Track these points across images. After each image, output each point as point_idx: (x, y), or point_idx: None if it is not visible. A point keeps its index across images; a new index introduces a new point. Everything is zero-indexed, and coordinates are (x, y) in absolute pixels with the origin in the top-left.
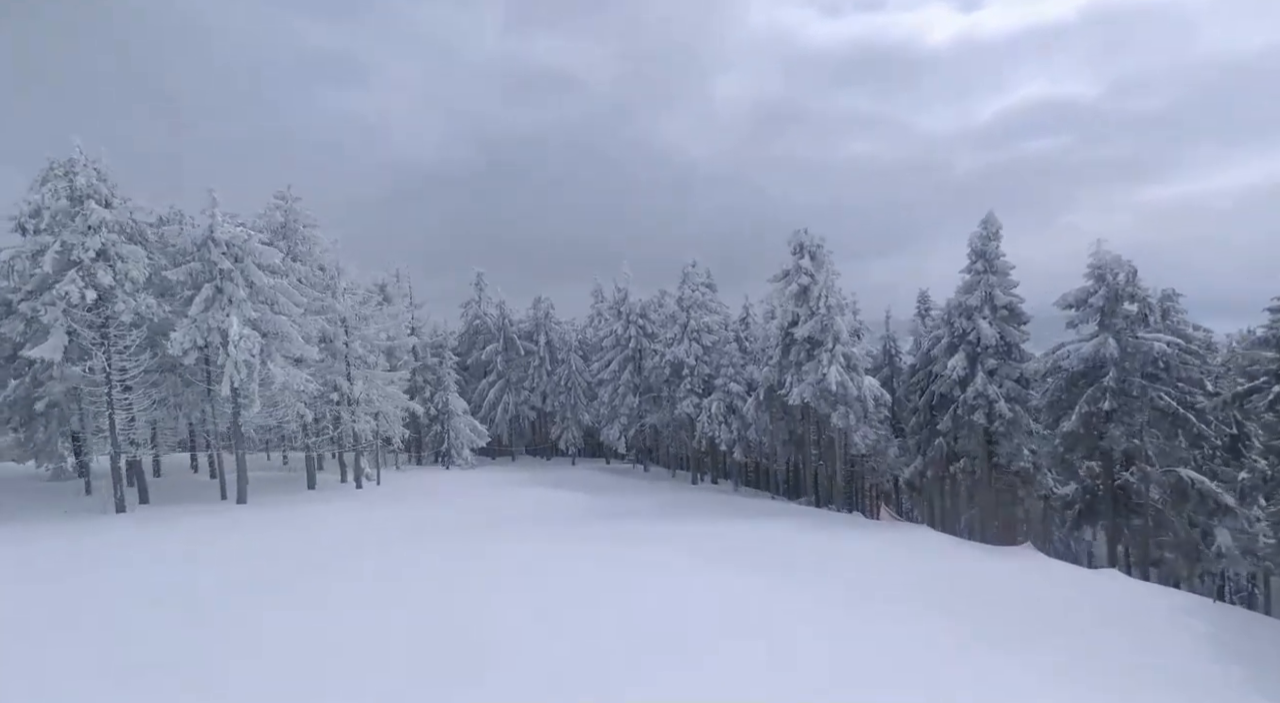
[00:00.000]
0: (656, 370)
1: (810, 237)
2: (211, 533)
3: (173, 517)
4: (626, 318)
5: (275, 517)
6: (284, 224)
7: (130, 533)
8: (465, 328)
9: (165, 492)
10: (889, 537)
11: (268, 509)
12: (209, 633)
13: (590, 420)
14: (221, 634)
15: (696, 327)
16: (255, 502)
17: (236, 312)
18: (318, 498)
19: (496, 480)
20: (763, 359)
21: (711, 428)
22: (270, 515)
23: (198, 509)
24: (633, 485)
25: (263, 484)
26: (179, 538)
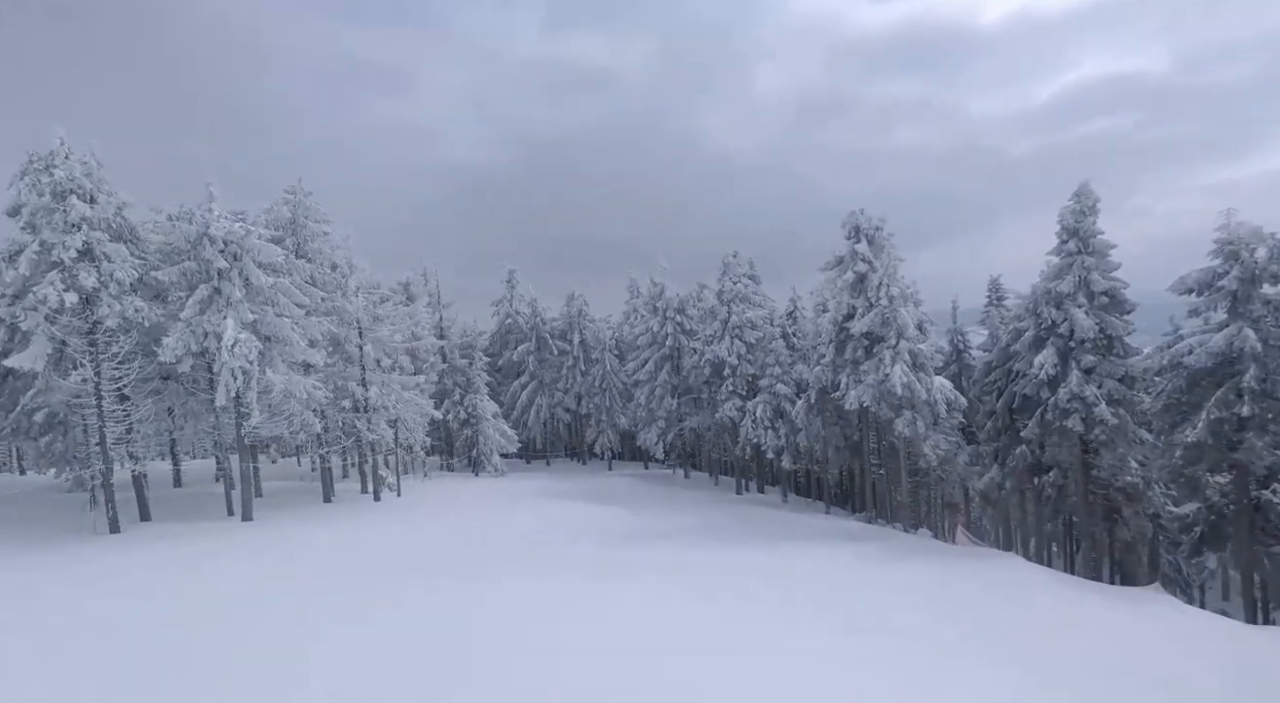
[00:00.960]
0: (695, 370)
1: (867, 218)
2: (183, 565)
3: (161, 539)
4: (663, 314)
5: (272, 538)
6: (292, 220)
7: (98, 565)
8: (497, 327)
9: (170, 506)
10: (976, 571)
11: (268, 528)
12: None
13: (627, 423)
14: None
15: (738, 322)
16: (262, 518)
17: (233, 314)
18: (329, 514)
19: (524, 491)
20: (813, 357)
21: (756, 433)
22: (267, 536)
23: (194, 530)
24: (673, 497)
25: (277, 496)
26: (145, 571)
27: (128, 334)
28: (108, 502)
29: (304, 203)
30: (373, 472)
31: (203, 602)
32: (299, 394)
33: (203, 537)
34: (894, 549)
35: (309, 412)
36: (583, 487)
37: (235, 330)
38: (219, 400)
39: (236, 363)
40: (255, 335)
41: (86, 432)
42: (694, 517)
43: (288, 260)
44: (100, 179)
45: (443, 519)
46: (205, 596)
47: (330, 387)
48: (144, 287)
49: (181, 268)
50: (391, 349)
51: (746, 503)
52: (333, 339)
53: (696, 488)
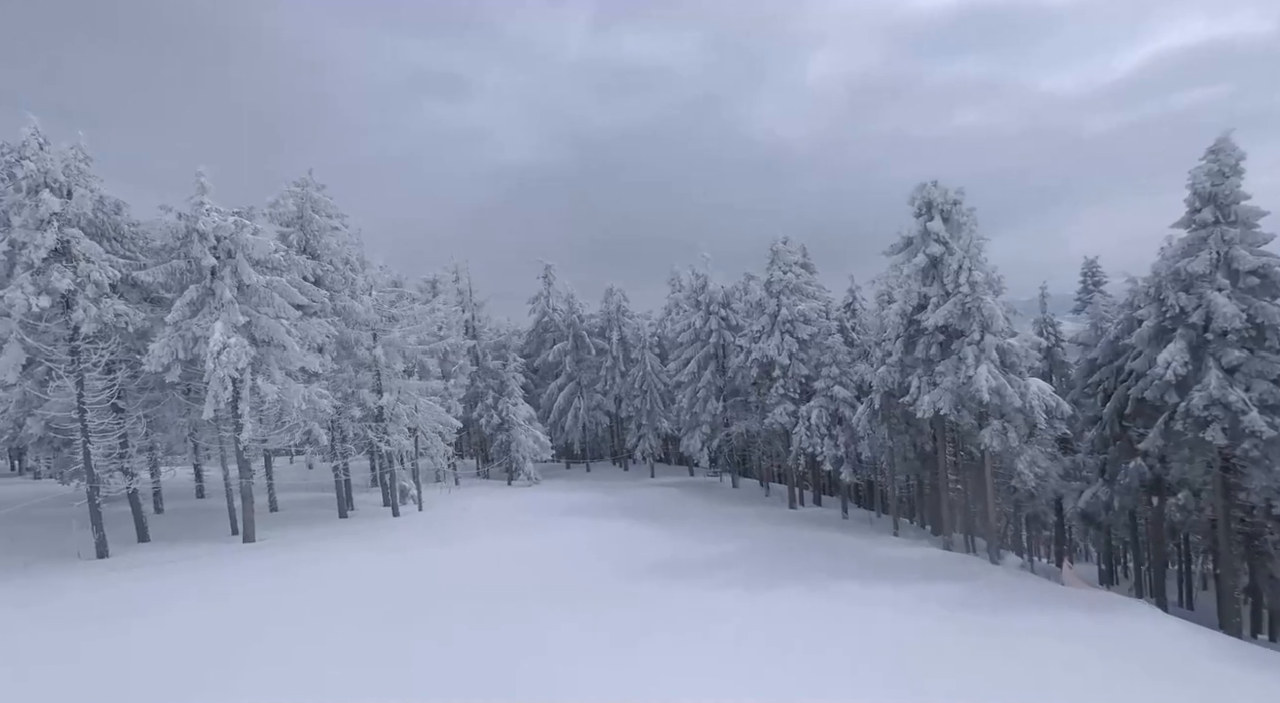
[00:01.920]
0: (742, 370)
1: (941, 191)
2: (158, 604)
3: (146, 567)
4: (706, 309)
5: (265, 568)
6: (299, 215)
7: (59, 604)
8: (533, 326)
9: (174, 524)
10: (1105, 631)
11: (267, 554)
12: None
13: (669, 427)
14: None
15: (789, 317)
16: (266, 538)
17: (223, 316)
18: (340, 533)
19: (554, 504)
20: (876, 356)
21: (811, 441)
22: (263, 564)
23: (188, 554)
24: (720, 512)
25: (291, 508)
26: (111, 612)
27: (107, 342)
28: (95, 523)
29: (312, 196)
30: (390, 484)
31: (163, 661)
32: (296, 403)
33: (195, 564)
34: (989, 593)
35: (314, 422)
36: (619, 499)
37: (224, 335)
38: (206, 412)
39: (224, 371)
40: (250, 340)
41: (71, 446)
42: (741, 539)
43: (286, 258)
44: (78, 172)
45: (455, 543)
46: (169, 651)
47: (338, 394)
48: (131, 289)
49: (169, 267)
50: (409, 352)
51: (801, 520)
52: (342, 342)
53: (745, 500)
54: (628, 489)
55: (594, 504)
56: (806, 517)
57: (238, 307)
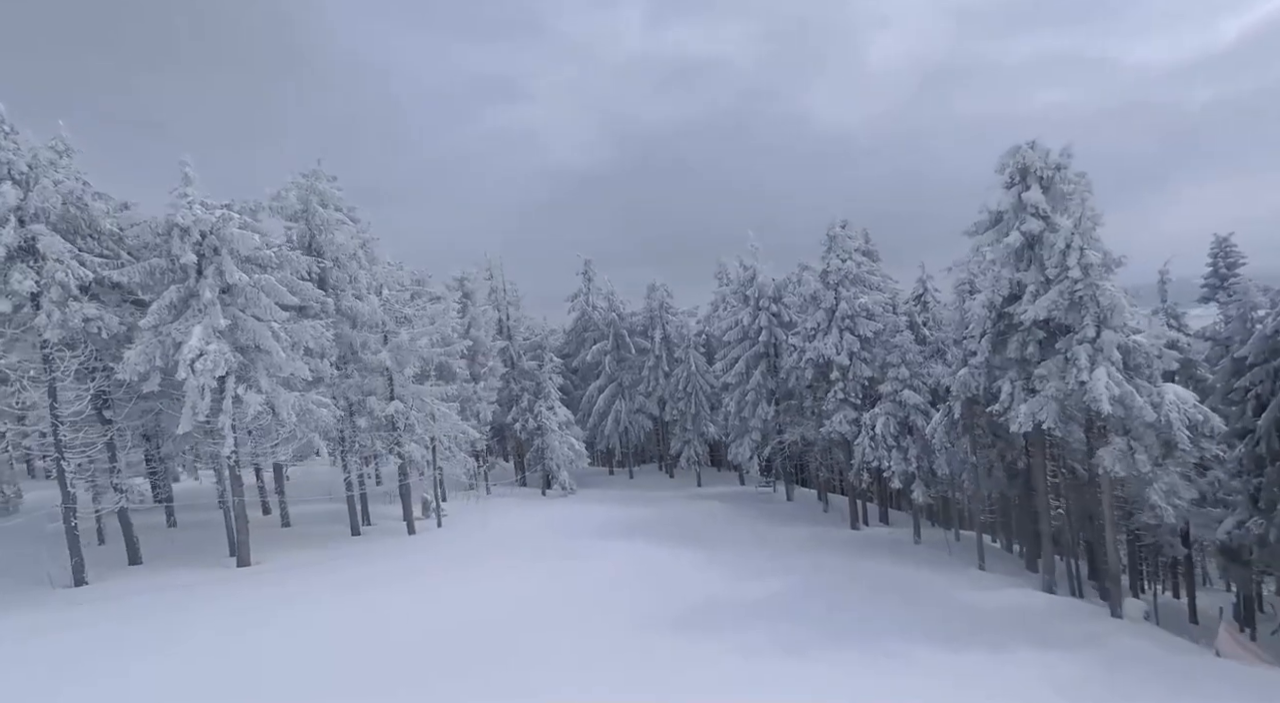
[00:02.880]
0: (795, 372)
1: (1040, 153)
2: (115, 657)
3: (116, 602)
4: (754, 303)
5: (244, 606)
6: (304, 210)
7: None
8: (572, 325)
9: (173, 542)
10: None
11: (251, 586)
12: None
13: (716, 432)
14: None
15: (849, 311)
16: (265, 559)
17: (203, 319)
18: (343, 555)
19: (587, 521)
20: (955, 356)
21: (875, 454)
22: (242, 601)
23: (174, 582)
24: (771, 534)
25: (305, 525)
26: (44, 668)
27: (74, 350)
28: (71, 548)
29: (318, 187)
30: (405, 499)
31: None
32: (284, 415)
33: (169, 598)
34: (1122, 672)
35: (314, 433)
36: (658, 514)
37: (201, 340)
38: (183, 425)
39: (202, 380)
40: (234, 345)
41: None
42: (793, 573)
43: (279, 253)
44: (48, 163)
45: (457, 578)
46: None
47: (341, 402)
48: (110, 290)
49: (147, 266)
50: (426, 355)
51: (866, 544)
52: (348, 345)
53: (800, 516)
54: (670, 502)
55: (629, 522)
56: (871, 540)
57: (220, 308)
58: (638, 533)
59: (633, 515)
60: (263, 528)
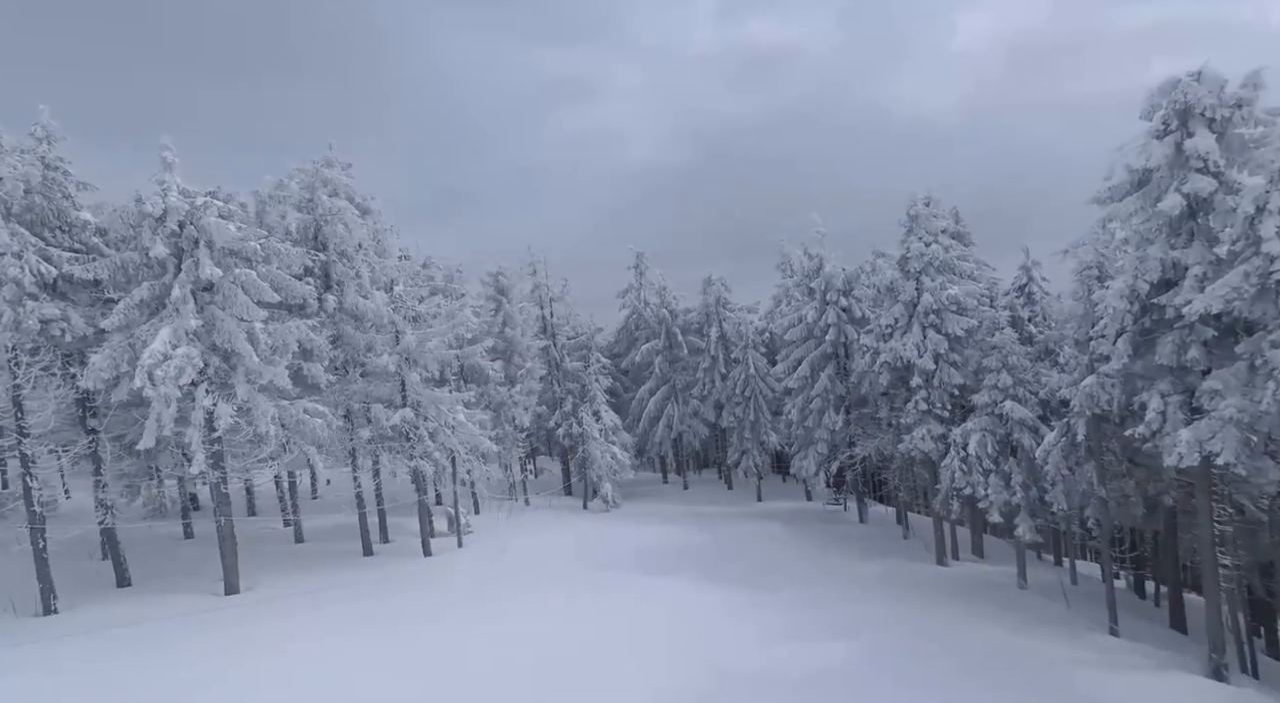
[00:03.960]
0: (869, 376)
1: (1209, 87)
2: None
3: (65, 640)
4: (821, 296)
5: (209, 650)
6: (310, 199)
7: None
8: (622, 323)
9: (175, 561)
10: None
11: (231, 620)
12: None
13: (778, 441)
14: None
15: (934, 304)
16: (258, 584)
17: (173, 320)
18: (344, 582)
19: (625, 544)
20: (1076, 361)
21: (968, 479)
22: (208, 644)
23: (145, 614)
24: (840, 566)
25: (319, 541)
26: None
27: (35, 355)
28: (39, 572)
29: (325, 175)
30: (421, 516)
31: None
32: (262, 427)
33: (134, 634)
34: None
35: (310, 446)
36: (709, 538)
37: (167, 343)
38: (145, 440)
39: (166, 389)
40: (211, 348)
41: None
42: (864, 628)
43: (265, 246)
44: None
45: (457, 615)
46: None
47: (340, 411)
48: (82, 288)
49: (116, 260)
50: (441, 358)
51: (956, 587)
52: (353, 347)
53: (875, 544)
54: (724, 522)
55: (671, 547)
56: (963, 581)
57: (193, 306)
58: (679, 563)
59: (677, 539)
60: (273, 544)
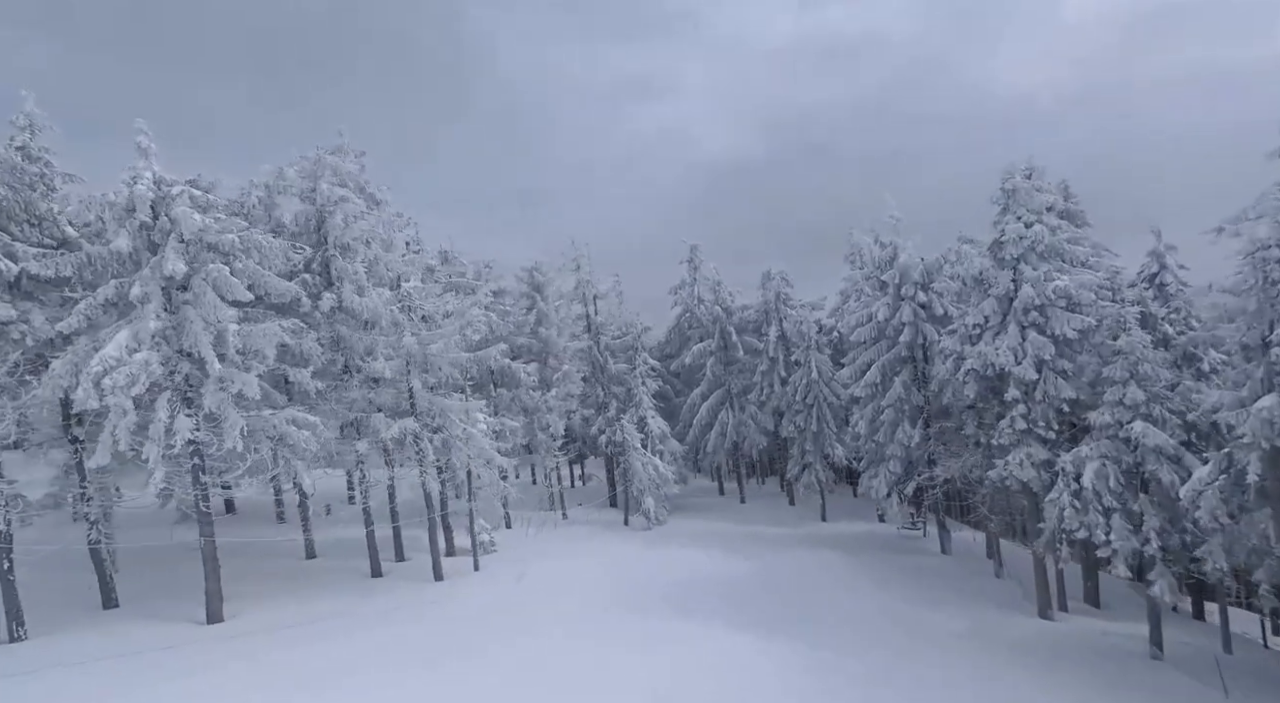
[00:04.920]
0: (952, 385)
1: None
2: None
3: (27, 676)
4: (895, 291)
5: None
6: (312, 190)
7: None
8: (674, 321)
9: (174, 579)
10: None
11: (195, 659)
12: None
13: (844, 454)
14: None
15: (1036, 298)
16: (244, 610)
17: (132, 321)
18: (337, 614)
19: (663, 573)
20: (1244, 374)
21: (1083, 519)
22: (158, 691)
23: (111, 646)
24: (916, 617)
25: (333, 557)
26: None
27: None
28: (5, 597)
29: (329, 162)
30: (432, 536)
31: None
32: (230, 441)
33: (88, 676)
34: None
35: (298, 461)
36: (759, 569)
37: (122, 348)
38: (98, 458)
39: (119, 400)
40: (174, 353)
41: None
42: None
43: (244, 238)
44: None
45: (447, 667)
46: None
47: (336, 422)
48: (52, 288)
49: (82, 256)
50: (452, 361)
51: (1064, 654)
52: (344, 348)
53: (960, 584)
54: (782, 547)
55: (714, 580)
56: (1077, 647)
57: (156, 305)
58: (722, 605)
59: (724, 569)
60: (282, 559)
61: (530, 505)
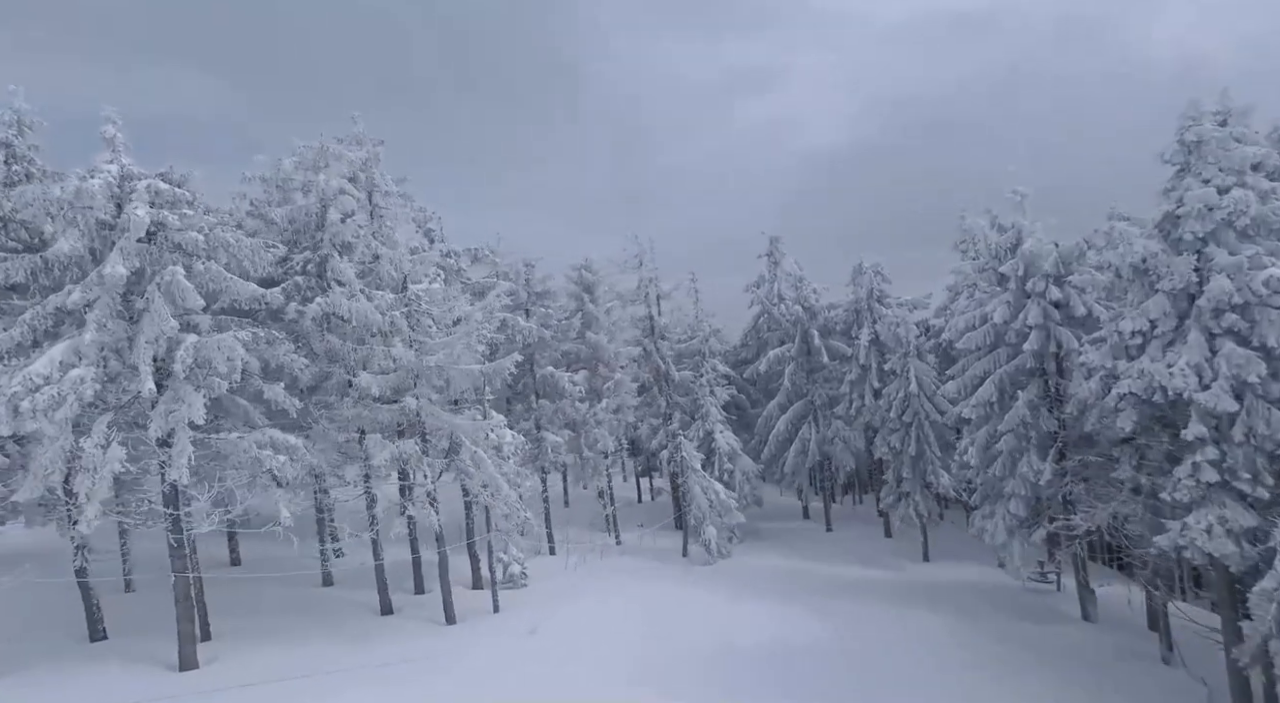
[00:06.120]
0: (1099, 410)
1: None
2: None
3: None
4: (1019, 284)
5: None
6: (311, 183)
7: None
8: (751, 322)
9: (166, 610)
10: None
11: None
12: None
13: (950, 484)
14: None
15: (1233, 293)
16: (222, 653)
17: (74, 337)
18: (333, 660)
19: (710, 635)
20: None
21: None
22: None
23: (72, 693)
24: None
25: (350, 587)
26: None
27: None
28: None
29: (334, 151)
30: (443, 574)
31: None
32: (174, 472)
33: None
34: None
35: (278, 486)
36: (842, 636)
37: (53, 365)
38: (26, 492)
39: (32, 425)
40: (134, 370)
41: None
42: None
43: (211, 237)
44: None
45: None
46: None
47: (320, 445)
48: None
49: (35, 259)
50: (465, 374)
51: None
52: (334, 358)
53: (1120, 683)
54: (868, 601)
55: (781, 652)
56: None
57: (99, 314)
58: (777, 692)
59: (787, 632)
60: (290, 588)
61: (583, 521)
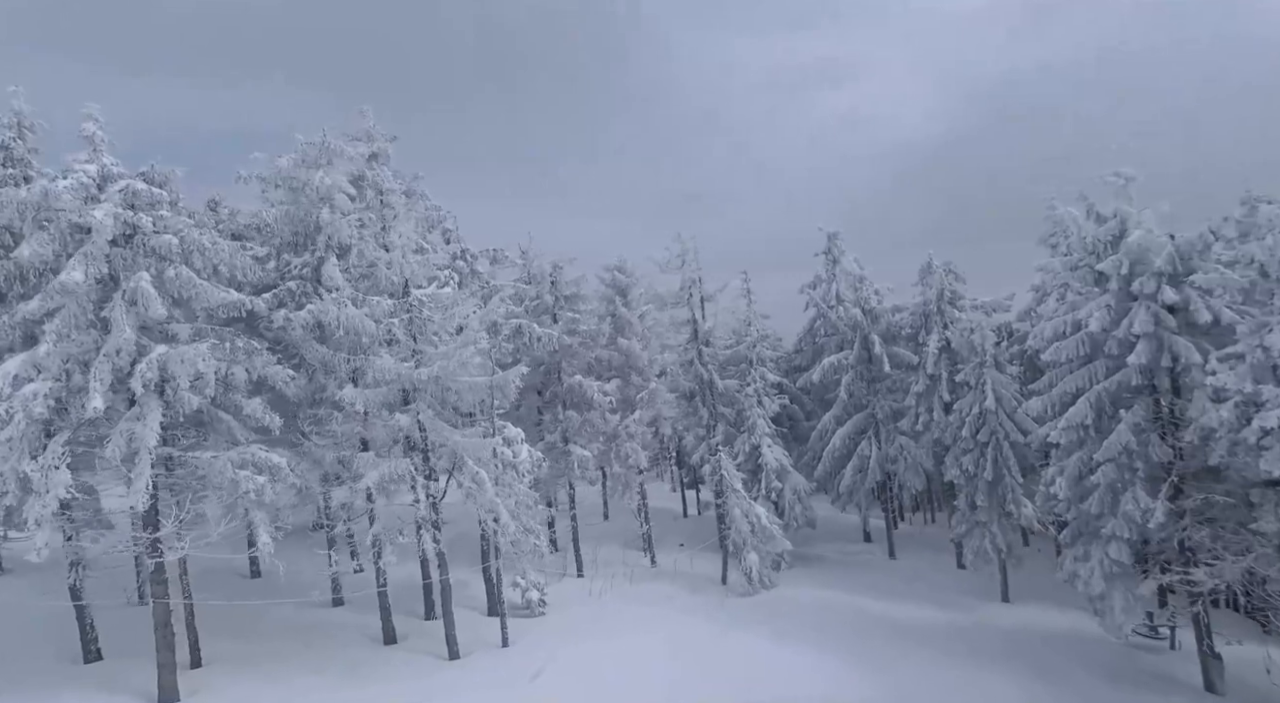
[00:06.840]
0: (1226, 442)
1: None
2: None
3: None
4: (1121, 284)
5: None
6: (307, 182)
7: None
8: (807, 326)
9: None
10: None
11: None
12: None
13: (1037, 516)
14: None
15: None
16: (207, 685)
17: (31, 350)
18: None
19: (753, 688)
20: None
21: None
22: None
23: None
24: None
25: (355, 610)
26: None
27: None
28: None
29: (335, 148)
30: (445, 601)
31: None
32: (134, 498)
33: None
34: None
35: (258, 512)
36: (896, 699)
37: (6, 380)
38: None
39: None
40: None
41: None
42: None
43: (185, 241)
44: None
45: None
46: None
47: (317, 466)
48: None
49: (7, 265)
50: (468, 386)
51: None
52: (326, 369)
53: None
54: (932, 651)
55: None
56: None
57: (58, 325)
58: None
59: (831, 691)
60: (296, 610)
61: (619, 538)
